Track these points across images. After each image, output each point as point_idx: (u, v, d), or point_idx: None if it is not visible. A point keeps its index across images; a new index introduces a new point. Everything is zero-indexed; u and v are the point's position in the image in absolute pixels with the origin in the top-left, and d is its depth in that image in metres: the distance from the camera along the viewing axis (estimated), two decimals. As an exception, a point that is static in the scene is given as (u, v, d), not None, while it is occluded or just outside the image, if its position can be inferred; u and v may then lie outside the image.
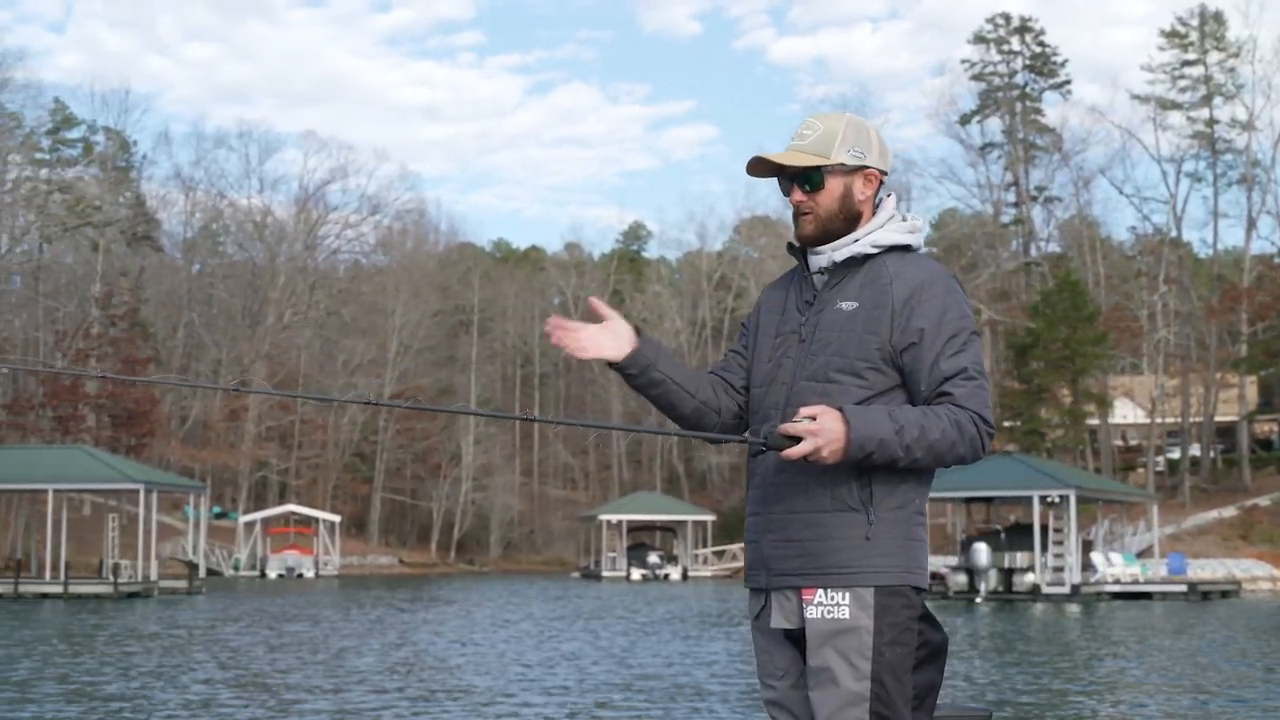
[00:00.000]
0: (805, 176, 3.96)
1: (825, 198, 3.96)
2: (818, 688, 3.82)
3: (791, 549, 3.87)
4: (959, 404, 3.80)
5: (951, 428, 3.76)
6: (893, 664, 3.79)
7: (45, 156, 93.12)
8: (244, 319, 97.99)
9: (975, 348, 3.89)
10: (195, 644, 25.81)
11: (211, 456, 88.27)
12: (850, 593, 3.80)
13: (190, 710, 15.58)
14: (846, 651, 3.78)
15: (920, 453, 3.74)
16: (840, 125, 3.99)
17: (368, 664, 21.44)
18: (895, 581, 3.82)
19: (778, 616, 3.92)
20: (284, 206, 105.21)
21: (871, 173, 4.01)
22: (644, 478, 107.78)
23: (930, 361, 3.83)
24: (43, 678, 19.27)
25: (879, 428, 3.69)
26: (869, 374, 3.85)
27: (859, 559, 3.80)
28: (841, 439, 3.66)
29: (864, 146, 3.99)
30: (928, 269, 3.96)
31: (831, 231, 3.98)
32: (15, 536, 61.32)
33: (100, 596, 47.91)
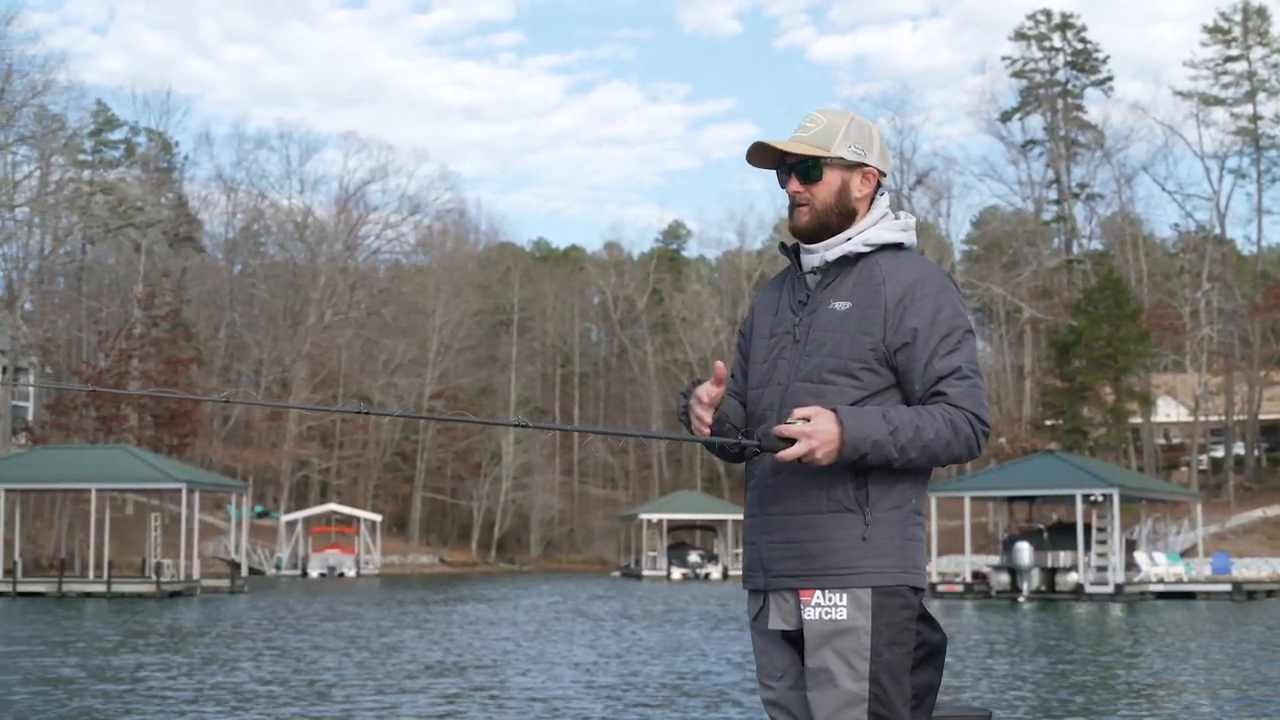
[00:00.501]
0: (804, 167, 3.97)
1: (822, 190, 3.97)
2: (816, 688, 3.82)
3: (789, 550, 3.88)
4: (953, 403, 3.80)
5: (946, 427, 3.76)
6: (890, 664, 3.79)
7: (88, 158, 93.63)
8: (285, 319, 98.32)
9: (969, 347, 3.88)
10: (240, 642, 25.88)
11: (253, 456, 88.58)
12: (848, 594, 3.80)
13: (236, 707, 15.62)
14: (844, 652, 3.78)
15: (915, 453, 3.74)
16: (843, 122, 4.00)
17: (412, 662, 21.45)
18: (892, 582, 3.81)
19: (775, 618, 3.93)
20: (324, 207, 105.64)
21: (870, 171, 4.01)
22: (684, 477, 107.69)
23: (924, 361, 3.82)
24: (84, 674, 19.35)
25: (873, 429, 3.70)
26: (863, 374, 3.85)
27: (856, 560, 3.81)
28: (835, 440, 3.68)
29: (865, 145, 4.00)
30: (921, 268, 3.94)
31: (826, 225, 3.98)
32: (59, 536, 61.64)
33: (143, 595, 48.15)
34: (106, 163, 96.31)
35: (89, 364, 77.42)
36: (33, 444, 71.02)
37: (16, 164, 78.55)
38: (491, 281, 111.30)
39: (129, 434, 71.60)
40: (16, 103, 73.26)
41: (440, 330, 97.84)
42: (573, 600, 45.88)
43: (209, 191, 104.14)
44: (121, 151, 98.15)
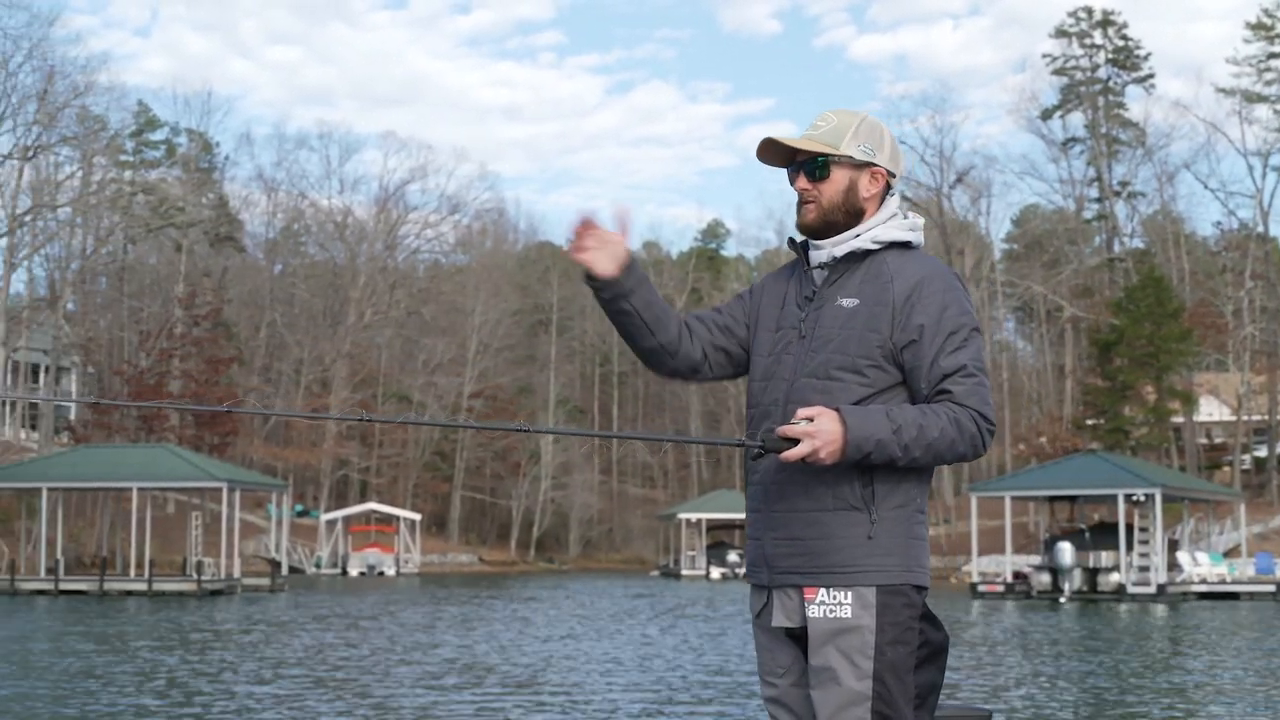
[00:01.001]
0: (812, 165, 3.97)
1: (829, 188, 3.97)
2: (819, 687, 3.82)
3: (793, 547, 3.88)
4: (959, 401, 3.80)
5: (951, 426, 3.77)
6: (894, 663, 3.79)
7: (129, 158, 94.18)
8: (325, 319, 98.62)
9: (976, 345, 3.88)
10: (281, 640, 25.95)
11: (293, 455, 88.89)
12: (852, 592, 3.80)
13: (279, 705, 15.64)
14: (848, 650, 3.78)
15: (919, 452, 3.75)
16: (854, 121, 4.00)
17: (452, 660, 21.45)
18: (897, 580, 3.82)
19: (779, 615, 3.93)
20: (364, 206, 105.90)
21: (879, 171, 4.00)
22: (723, 476, 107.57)
23: (930, 359, 3.83)
24: (124, 672, 19.41)
25: (877, 428, 3.70)
26: (870, 371, 3.85)
27: (861, 558, 3.81)
28: (839, 440, 3.68)
29: (875, 144, 3.99)
30: (928, 266, 3.94)
31: (832, 223, 3.99)
32: (101, 534, 61.98)
33: (184, 594, 48.35)
34: (148, 163, 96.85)
35: (130, 363, 77.81)
36: (75, 443, 71.46)
37: (59, 165, 79.12)
38: (530, 281, 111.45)
39: (170, 433, 71.95)
40: (59, 104, 73.68)
41: (479, 329, 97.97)
42: (611, 599, 45.85)
43: (249, 191, 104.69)
44: (162, 152, 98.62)
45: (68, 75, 74.30)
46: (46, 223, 79.41)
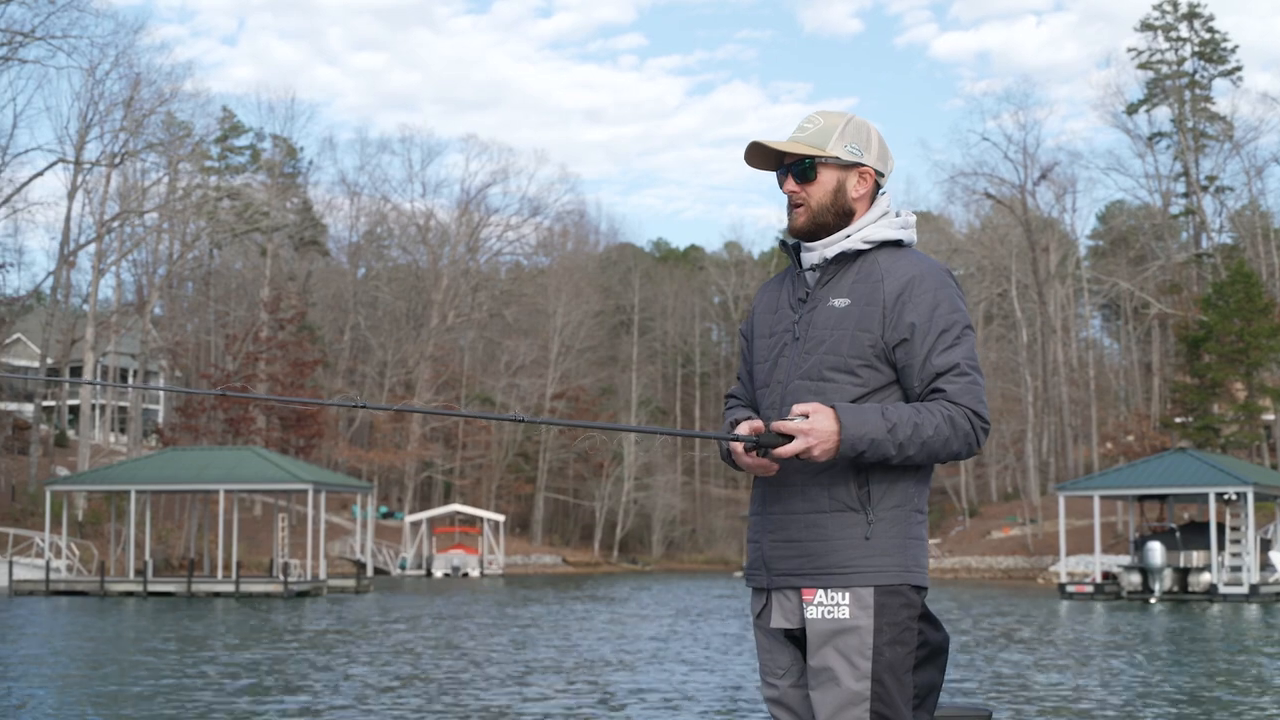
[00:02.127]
0: (799, 167, 3.98)
1: (817, 190, 3.98)
2: (818, 687, 3.83)
3: (791, 549, 3.89)
4: (952, 400, 3.80)
5: (945, 424, 3.76)
6: (893, 663, 3.79)
7: (214, 164, 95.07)
8: (408, 321, 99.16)
9: (968, 342, 3.87)
10: (369, 639, 26.04)
11: (378, 457, 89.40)
12: (850, 592, 3.81)
13: (363, 702, 15.66)
14: (847, 651, 3.79)
15: (914, 450, 3.75)
16: (840, 122, 4.01)
17: (536, 660, 21.43)
18: (894, 581, 3.82)
19: (778, 616, 3.94)
20: (446, 210, 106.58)
21: (867, 171, 4.01)
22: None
23: (922, 357, 3.83)
24: (206, 672, 19.52)
25: (871, 427, 3.71)
26: (863, 371, 3.85)
27: (858, 559, 3.81)
28: (833, 438, 3.69)
29: (862, 144, 4.00)
30: (919, 264, 3.93)
31: (822, 225, 3.99)
32: (189, 536, 62.59)
33: (270, 595, 48.67)
34: (233, 168, 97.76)
35: (217, 367, 78.47)
36: (163, 446, 72.19)
37: (146, 171, 79.98)
38: (612, 282, 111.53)
39: (256, 435, 72.48)
40: (145, 110, 74.52)
41: (561, 331, 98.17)
42: (695, 599, 45.73)
43: (333, 196, 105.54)
44: (247, 157, 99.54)
45: (153, 82, 75.20)
46: (134, 228, 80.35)
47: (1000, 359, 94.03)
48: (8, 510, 63.55)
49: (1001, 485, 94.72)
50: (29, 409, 75.71)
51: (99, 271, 76.38)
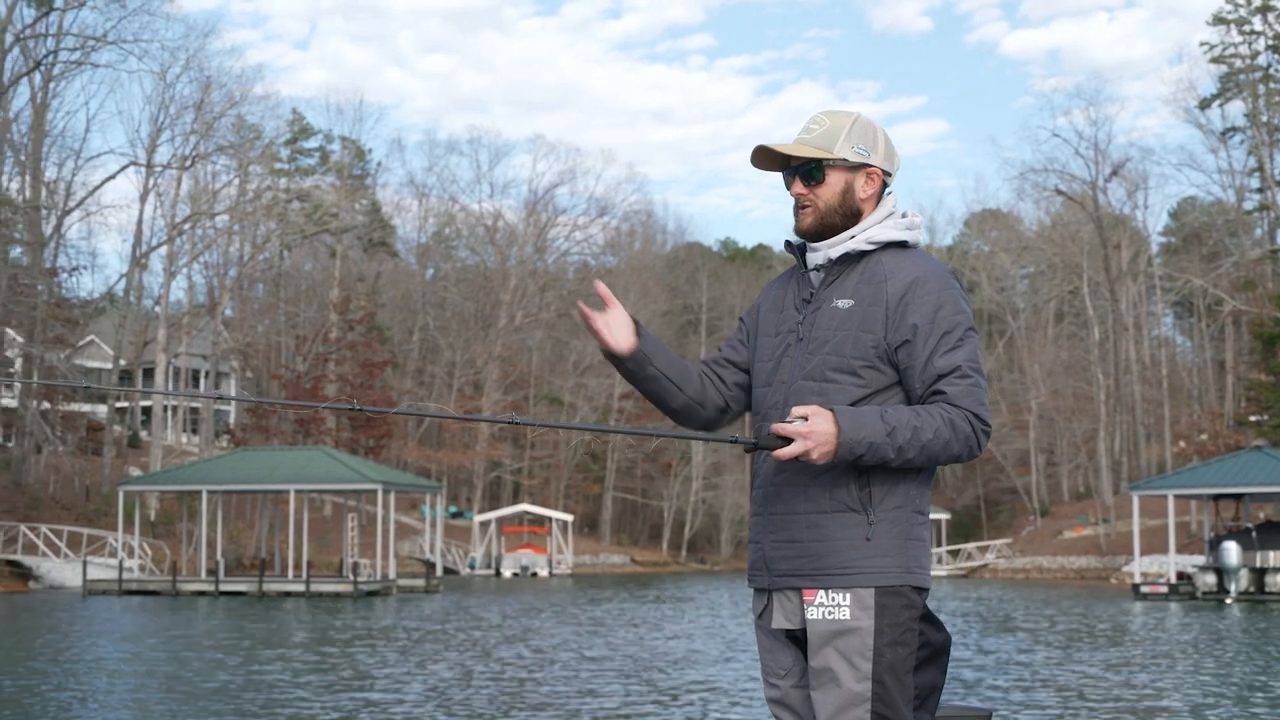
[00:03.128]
0: (807, 169, 3.98)
1: (825, 192, 3.98)
2: (819, 688, 3.83)
3: (792, 550, 3.89)
4: (953, 402, 3.78)
5: (945, 427, 3.75)
6: (893, 664, 3.79)
7: (284, 166, 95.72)
8: (476, 322, 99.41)
9: (971, 345, 3.85)
10: (441, 639, 26.08)
11: (447, 457, 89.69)
12: (850, 593, 3.81)
13: (436, 698, 15.65)
14: (847, 652, 3.79)
15: (913, 453, 3.74)
16: (847, 122, 4.00)
17: (605, 660, 21.38)
18: (895, 582, 3.82)
19: (779, 617, 3.94)
20: (514, 210, 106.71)
21: (874, 171, 4.01)
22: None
23: (924, 359, 3.82)
24: (282, 672, 19.58)
25: (870, 430, 3.69)
26: (865, 372, 3.85)
27: (859, 560, 3.81)
28: (831, 441, 3.67)
29: (869, 145, 4.00)
30: (923, 265, 3.93)
31: (830, 226, 3.99)
32: (260, 536, 62.99)
33: (340, 595, 48.88)
34: (302, 170, 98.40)
35: (287, 368, 78.98)
36: (234, 446, 72.70)
37: (216, 173, 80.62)
38: (679, 281, 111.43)
39: (326, 436, 72.87)
40: (215, 113, 75.11)
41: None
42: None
43: (401, 197, 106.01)
44: (316, 159, 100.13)
45: (224, 85, 75.81)
46: (205, 231, 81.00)
47: (1072, 357, 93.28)
48: (82, 511, 64.20)
49: (1073, 484, 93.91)
50: (102, 410, 76.42)
51: (170, 274, 77.06)
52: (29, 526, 56.18)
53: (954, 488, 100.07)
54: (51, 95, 68.79)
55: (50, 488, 66.37)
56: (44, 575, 54.42)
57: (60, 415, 69.86)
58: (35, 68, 65.32)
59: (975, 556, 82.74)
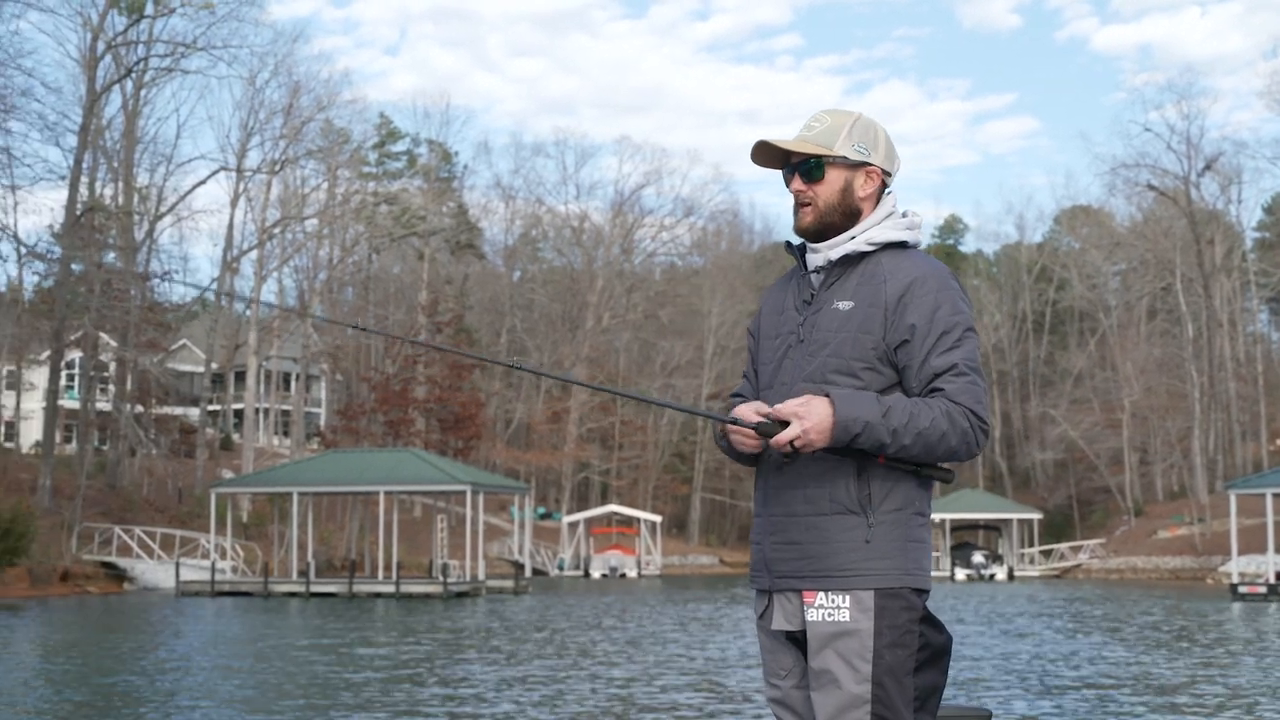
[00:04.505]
0: (806, 166, 3.98)
1: (825, 190, 3.98)
2: (819, 689, 3.84)
3: (792, 551, 3.90)
4: (951, 399, 3.79)
5: (942, 418, 3.76)
6: (893, 666, 3.79)
7: (372, 170, 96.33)
8: (564, 323, 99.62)
9: (969, 345, 3.86)
10: (531, 640, 26.07)
11: (535, 458, 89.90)
12: (850, 595, 3.82)
13: (536, 701, 15.60)
14: (847, 654, 3.80)
15: (909, 439, 3.73)
16: (848, 121, 4.01)
17: (691, 660, 21.26)
18: (895, 584, 3.82)
19: (779, 618, 3.96)
20: (600, 211, 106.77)
21: (874, 170, 4.01)
22: (965, 475, 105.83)
23: (921, 358, 3.83)
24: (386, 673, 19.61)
25: (865, 410, 3.71)
26: (865, 374, 3.86)
27: (858, 561, 3.82)
28: (828, 420, 3.69)
29: (869, 144, 4.00)
30: (922, 265, 3.92)
31: (829, 225, 3.99)
32: (350, 537, 63.37)
33: (430, 596, 49.04)
34: (389, 174, 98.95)
35: (376, 370, 79.46)
36: (324, 448, 73.22)
37: (305, 178, 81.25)
38: (766, 281, 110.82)
39: (416, 438, 73.25)
40: (304, 118, 75.66)
41: (716, 331, 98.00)
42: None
43: (488, 199, 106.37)
44: (404, 163, 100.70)
45: (312, 90, 76.36)
46: (294, 234, 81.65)
47: (1165, 354, 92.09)
48: (175, 513, 64.87)
49: (1167, 483, 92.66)
50: (195, 413, 77.22)
51: (261, 277, 77.72)
52: (123, 529, 56.82)
53: (1045, 487, 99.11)
54: (143, 102, 69.58)
55: (144, 490, 67.14)
56: (138, 577, 55.00)
57: (154, 418, 70.65)
58: (126, 75, 66.05)
59: (1068, 557, 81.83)
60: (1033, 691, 17.25)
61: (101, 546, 56.03)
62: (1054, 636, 27.60)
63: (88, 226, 62.74)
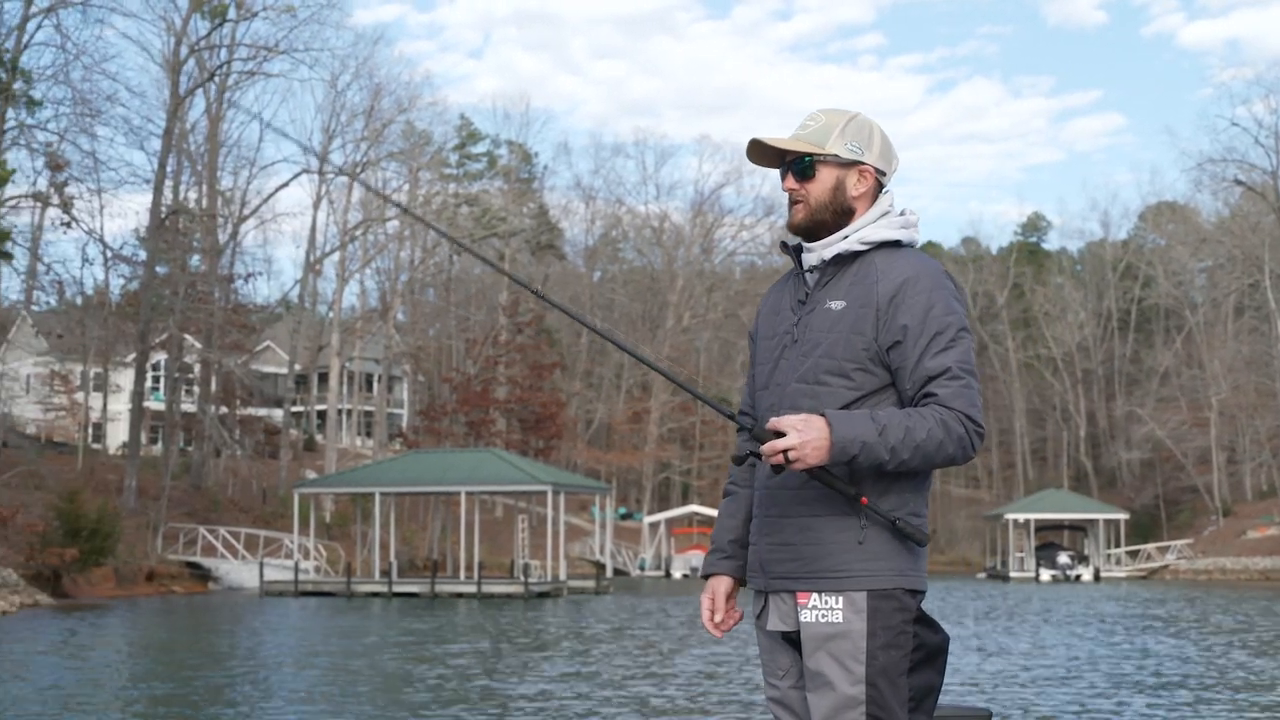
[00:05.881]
0: (799, 165, 3.98)
1: (816, 188, 3.97)
2: (814, 690, 3.84)
3: (786, 553, 3.90)
4: (944, 404, 3.75)
5: (938, 427, 3.72)
6: (886, 667, 3.78)
7: (452, 171, 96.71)
8: (644, 323, 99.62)
9: (963, 346, 3.82)
10: (619, 641, 26.01)
11: (616, 458, 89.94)
12: (843, 596, 3.81)
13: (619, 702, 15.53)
14: (840, 655, 3.79)
15: (907, 454, 3.70)
16: (841, 120, 4.00)
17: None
18: (888, 585, 3.81)
19: (774, 619, 3.96)
20: (680, 211, 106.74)
21: (867, 169, 3.99)
22: (1049, 475, 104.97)
23: (914, 360, 3.80)
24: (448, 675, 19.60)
25: (862, 430, 3.67)
26: (856, 374, 3.84)
27: (851, 563, 3.81)
28: (824, 440, 3.65)
29: (863, 143, 3.99)
30: (915, 264, 3.89)
31: (821, 223, 3.98)
32: (432, 538, 63.61)
33: (511, 596, 49.10)
34: (470, 175, 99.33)
35: (458, 370, 79.74)
36: (406, 449, 73.55)
37: (387, 179, 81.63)
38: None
39: (497, 438, 73.44)
40: (385, 120, 76.07)
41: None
42: (947, 600, 44.90)
43: (568, 200, 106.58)
44: (484, 164, 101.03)
45: (393, 92, 76.75)
46: (376, 236, 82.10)
47: (1253, 352, 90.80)
48: (259, 513, 65.36)
49: (1256, 483, 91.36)
50: (279, 414, 77.82)
51: (343, 279, 78.23)
52: (208, 529, 57.29)
53: (1132, 487, 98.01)
54: (226, 105, 70.16)
55: (229, 491, 67.71)
56: (222, 577, 55.44)
57: (238, 419, 71.24)
58: (210, 78, 66.63)
59: (1155, 557, 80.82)
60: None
61: (186, 547, 56.53)
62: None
63: (172, 230, 63.35)
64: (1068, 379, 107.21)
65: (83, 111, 54.96)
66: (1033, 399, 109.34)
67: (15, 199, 52.48)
